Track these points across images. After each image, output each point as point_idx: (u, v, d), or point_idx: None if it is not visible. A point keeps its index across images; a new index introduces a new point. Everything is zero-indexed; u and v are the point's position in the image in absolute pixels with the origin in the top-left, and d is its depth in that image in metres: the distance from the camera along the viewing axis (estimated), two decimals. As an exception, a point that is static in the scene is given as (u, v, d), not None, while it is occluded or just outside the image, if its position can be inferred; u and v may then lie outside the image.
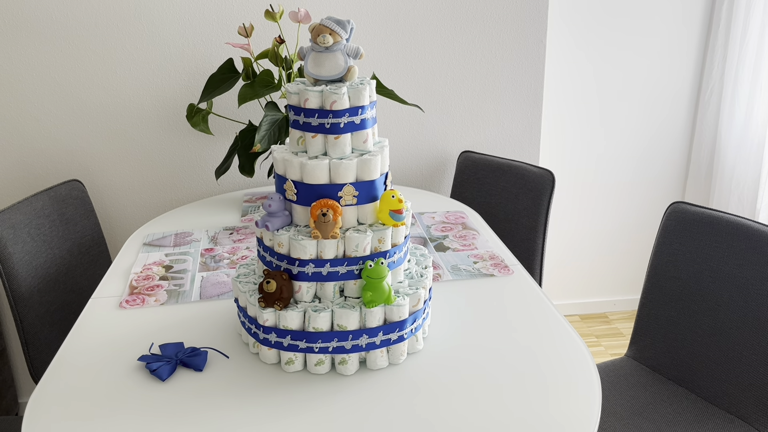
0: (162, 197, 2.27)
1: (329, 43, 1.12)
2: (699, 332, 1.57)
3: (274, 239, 1.14)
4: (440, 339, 1.24)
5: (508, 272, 1.51)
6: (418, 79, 2.28)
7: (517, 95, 2.35)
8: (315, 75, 1.14)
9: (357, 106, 1.13)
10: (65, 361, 1.20)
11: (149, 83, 2.14)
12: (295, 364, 1.14)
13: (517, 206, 2.08)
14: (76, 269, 1.92)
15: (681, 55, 2.61)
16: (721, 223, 1.54)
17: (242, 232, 1.79)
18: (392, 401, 1.07)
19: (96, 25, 2.06)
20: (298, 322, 1.12)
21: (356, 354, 1.13)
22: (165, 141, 2.21)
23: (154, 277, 1.53)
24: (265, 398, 1.08)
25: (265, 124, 1.76)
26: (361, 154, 1.15)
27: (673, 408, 1.52)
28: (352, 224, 1.15)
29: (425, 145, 2.36)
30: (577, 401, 1.06)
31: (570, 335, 1.25)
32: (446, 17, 2.22)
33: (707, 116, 2.63)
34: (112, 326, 1.32)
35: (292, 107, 1.15)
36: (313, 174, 1.12)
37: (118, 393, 1.10)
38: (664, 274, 1.65)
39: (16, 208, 1.74)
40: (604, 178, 2.76)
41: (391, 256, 1.16)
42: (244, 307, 1.19)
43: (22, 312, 1.68)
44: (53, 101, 2.11)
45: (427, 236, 1.74)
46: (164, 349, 1.21)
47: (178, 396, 1.09)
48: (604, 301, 2.98)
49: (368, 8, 2.17)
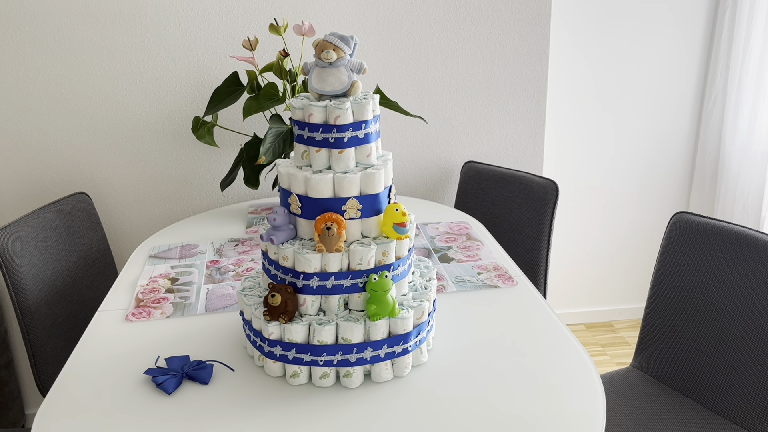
0: (168, 209, 2.29)
1: (333, 58, 1.13)
2: (704, 342, 1.57)
3: (278, 253, 1.15)
4: (445, 351, 1.25)
5: (512, 283, 1.51)
6: (422, 90, 2.29)
7: (520, 105, 2.36)
8: (319, 90, 1.15)
9: (360, 120, 1.14)
10: (72, 374, 1.21)
11: (155, 96, 2.16)
12: (300, 377, 1.15)
13: (521, 216, 2.08)
14: (83, 281, 1.93)
15: (684, 64, 2.62)
16: (724, 233, 1.54)
17: (247, 244, 1.80)
18: (397, 414, 1.07)
19: (102, 39, 2.08)
20: (302, 335, 1.12)
21: (361, 367, 1.14)
22: (171, 153, 2.22)
23: (160, 289, 1.54)
24: (270, 411, 1.09)
25: (269, 137, 1.77)
26: (365, 167, 1.16)
27: (678, 419, 1.52)
28: (357, 237, 1.16)
29: (429, 156, 2.37)
30: (582, 413, 1.06)
31: (575, 347, 1.25)
32: (449, 28, 2.24)
33: (711, 125, 2.64)
34: (118, 339, 1.33)
35: (296, 122, 1.17)
36: (317, 188, 1.13)
37: (124, 406, 1.11)
38: (668, 284, 1.65)
39: (24, 221, 1.76)
40: (609, 186, 2.76)
41: (395, 269, 1.16)
42: (250, 320, 1.20)
43: (29, 324, 1.70)
44: (60, 115, 2.13)
45: (431, 247, 1.75)
46: (170, 362, 1.22)
47: (184, 409, 1.10)
48: (610, 310, 2.98)
49: (372, 21, 2.19)
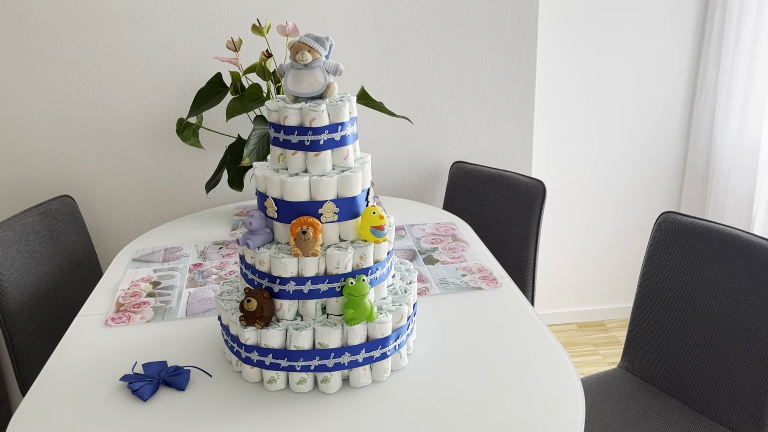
0: (153, 211, 2.27)
1: (308, 60, 1.12)
2: (690, 343, 1.55)
3: (255, 257, 1.14)
4: (425, 355, 1.24)
5: (496, 285, 1.50)
6: (408, 91, 2.28)
7: (508, 105, 2.34)
8: (294, 92, 1.14)
9: (337, 122, 1.13)
10: (49, 380, 1.20)
11: (139, 98, 2.14)
12: (278, 382, 1.13)
13: (508, 216, 2.07)
14: (67, 285, 1.92)
15: (674, 62, 2.61)
16: (710, 233, 1.53)
17: (231, 247, 1.78)
18: (376, 419, 1.06)
19: (86, 41, 2.06)
20: (279, 340, 1.11)
21: (339, 372, 1.12)
22: (155, 155, 2.21)
23: (141, 293, 1.52)
24: (247, 417, 1.08)
25: (253, 138, 1.75)
26: (342, 170, 1.15)
27: (665, 420, 1.51)
28: (334, 241, 1.15)
29: (417, 156, 2.35)
30: (563, 415, 1.05)
31: (557, 351, 1.24)
32: (435, 28, 2.22)
33: (701, 123, 2.62)
34: (96, 345, 1.31)
35: (272, 125, 1.15)
36: (293, 191, 1.11)
37: (100, 413, 1.10)
38: (655, 285, 1.64)
39: (5, 225, 1.74)
40: (599, 185, 2.75)
41: (373, 272, 1.15)
42: (227, 325, 1.19)
43: (11, 329, 1.68)
44: (44, 117, 2.11)
45: (417, 249, 1.73)
46: (147, 368, 1.20)
47: (160, 416, 1.08)
48: (602, 309, 2.97)
49: (357, 20, 2.17)
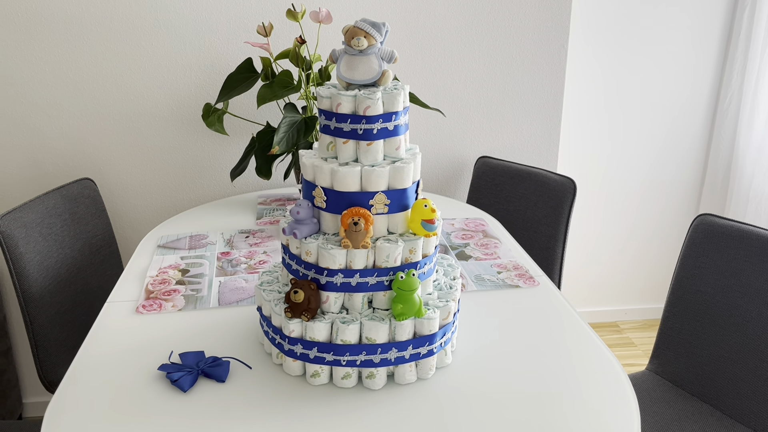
0: (174, 198, 2.24)
1: (363, 45, 1.08)
2: (725, 348, 1.53)
3: (301, 247, 1.11)
4: (468, 353, 1.21)
5: (533, 283, 1.47)
6: (437, 83, 2.24)
7: (536, 101, 2.31)
8: (348, 79, 1.11)
9: (391, 111, 1.09)
10: (83, 367, 1.16)
11: (164, 82, 2.10)
12: (321, 377, 1.10)
13: (536, 214, 2.04)
14: (87, 269, 1.88)
15: (700, 64, 2.58)
16: (751, 237, 1.51)
17: (258, 236, 1.75)
18: (421, 417, 1.03)
19: (111, 22, 2.02)
20: (325, 333, 1.08)
21: (384, 368, 1.10)
22: (179, 140, 2.17)
23: (171, 281, 1.49)
24: (290, 411, 1.05)
25: (283, 126, 1.72)
26: (393, 161, 1.12)
27: (699, 425, 1.48)
28: (383, 233, 1.12)
29: (442, 150, 2.32)
30: (614, 418, 1.02)
31: (601, 350, 1.21)
32: (467, 21, 2.19)
33: (725, 125, 2.60)
34: (129, 332, 1.28)
35: (323, 111, 1.12)
36: (344, 181, 1.08)
37: (138, 403, 1.07)
38: (688, 288, 1.61)
39: (28, 206, 1.71)
40: (619, 186, 2.72)
41: (421, 267, 1.12)
42: (268, 316, 1.16)
43: (32, 313, 1.65)
44: (67, 98, 2.07)
45: (448, 244, 1.71)
46: (184, 358, 1.17)
47: (201, 407, 1.06)
48: (615, 310, 2.95)
49: (388, 11, 2.13)
